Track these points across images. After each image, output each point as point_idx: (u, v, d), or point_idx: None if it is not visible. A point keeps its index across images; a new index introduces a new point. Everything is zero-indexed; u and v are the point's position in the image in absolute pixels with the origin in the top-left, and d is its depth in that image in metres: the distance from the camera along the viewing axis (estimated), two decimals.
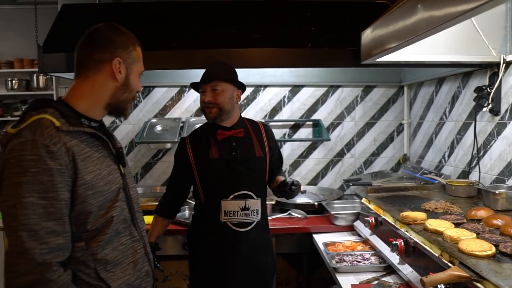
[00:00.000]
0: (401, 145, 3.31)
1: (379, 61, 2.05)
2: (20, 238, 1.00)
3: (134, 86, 1.27)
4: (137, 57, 1.27)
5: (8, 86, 4.25)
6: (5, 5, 4.40)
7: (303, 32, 2.33)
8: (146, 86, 3.21)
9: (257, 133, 2.03)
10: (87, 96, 1.20)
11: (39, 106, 1.13)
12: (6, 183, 1.03)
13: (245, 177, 1.91)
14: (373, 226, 2.09)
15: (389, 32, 1.58)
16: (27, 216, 1.01)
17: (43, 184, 1.03)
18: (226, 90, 1.89)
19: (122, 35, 1.24)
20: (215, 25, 2.45)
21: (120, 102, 1.24)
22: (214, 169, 1.90)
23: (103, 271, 1.17)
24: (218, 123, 1.94)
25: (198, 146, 1.95)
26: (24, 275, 1.00)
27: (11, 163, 1.03)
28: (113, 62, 1.19)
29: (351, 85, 3.26)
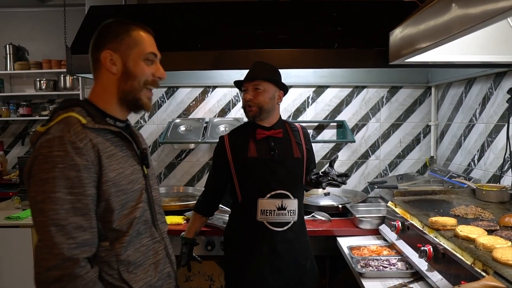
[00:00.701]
0: (428, 147, 3.23)
1: (407, 61, 1.99)
2: (49, 232, 1.01)
3: (137, 72, 1.20)
4: (133, 41, 1.20)
5: (36, 86, 4.36)
6: (34, 7, 4.52)
7: (329, 33, 2.30)
8: (170, 86, 3.24)
9: (295, 134, 2.04)
10: (101, 96, 1.21)
11: (67, 105, 1.16)
12: (35, 179, 1.04)
13: (282, 177, 1.92)
14: (399, 231, 2.04)
15: (420, 32, 1.53)
16: (55, 211, 1.02)
17: (70, 179, 1.04)
18: (268, 90, 1.91)
19: (114, 26, 1.21)
20: (240, 25, 2.44)
21: (127, 93, 1.20)
22: (252, 167, 1.92)
23: (125, 272, 1.17)
24: (258, 122, 1.96)
25: (237, 145, 1.97)
26: (51, 270, 1.01)
27: (39, 159, 1.05)
28: (102, 56, 1.17)
29: (376, 86, 3.21)
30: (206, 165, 3.26)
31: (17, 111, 4.45)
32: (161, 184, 3.27)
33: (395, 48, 1.93)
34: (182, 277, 2.58)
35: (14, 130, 4.68)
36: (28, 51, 4.69)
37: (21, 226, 2.64)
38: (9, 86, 4.65)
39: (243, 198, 1.96)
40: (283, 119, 2.08)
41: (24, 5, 4.49)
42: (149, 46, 1.23)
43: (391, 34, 1.99)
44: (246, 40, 2.35)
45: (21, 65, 4.42)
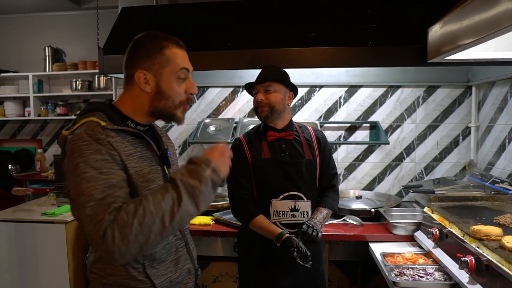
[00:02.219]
0: (467, 150, 3.07)
1: (447, 59, 1.88)
2: (91, 207, 1.03)
3: (170, 92, 1.21)
4: (166, 60, 1.20)
5: (72, 86, 4.49)
6: (70, 10, 4.66)
7: (363, 30, 2.21)
8: (200, 86, 3.24)
9: (307, 136, 2.04)
10: (130, 104, 1.24)
11: (90, 110, 1.21)
12: (68, 171, 1.10)
13: (295, 179, 1.94)
14: (437, 238, 1.93)
15: (463, 27, 1.43)
16: (92, 187, 1.05)
17: (97, 161, 1.08)
18: (278, 90, 1.93)
19: (147, 43, 1.21)
20: (270, 24, 2.40)
21: (161, 110, 1.23)
22: (266, 168, 1.95)
23: (149, 267, 1.21)
24: (269, 123, 1.99)
25: (252, 145, 2.00)
26: (100, 238, 1.03)
27: (68, 155, 1.11)
28: (136, 75, 1.20)
29: (412, 85, 3.07)
30: None
31: (55, 110, 4.61)
32: None
33: (434, 45, 1.83)
34: (209, 278, 2.56)
35: (51, 129, 4.85)
36: (65, 53, 4.85)
37: (56, 222, 2.72)
38: (47, 86, 4.82)
39: (258, 197, 1.97)
40: (294, 122, 2.09)
41: (62, 9, 4.64)
42: (181, 61, 1.23)
43: (430, 30, 1.89)
44: (277, 39, 2.30)
45: (58, 66, 4.58)
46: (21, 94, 4.63)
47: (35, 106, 4.59)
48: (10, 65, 4.78)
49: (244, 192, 1.97)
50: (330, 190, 2.06)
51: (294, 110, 3.15)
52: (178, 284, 1.30)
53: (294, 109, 3.15)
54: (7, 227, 2.75)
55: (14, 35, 4.86)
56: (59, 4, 4.48)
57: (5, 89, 4.67)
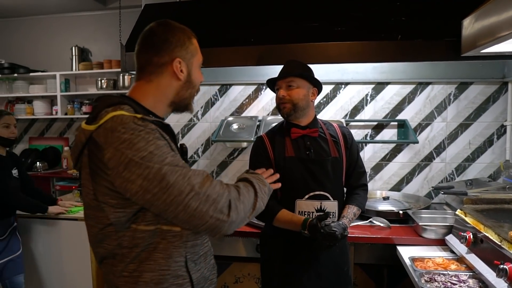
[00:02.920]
0: (502, 150, 2.91)
1: (483, 52, 1.77)
2: (204, 185, 1.07)
3: (196, 81, 1.27)
4: (194, 50, 1.26)
5: (98, 85, 4.55)
6: (96, 10, 4.73)
7: (392, 23, 2.11)
8: (223, 84, 3.20)
9: (333, 133, 1.97)
10: (152, 96, 1.22)
11: (114, 103, 1.14)
12: (134, 163, 1.03)
13: (321, 178, 1.87)
14: (470, 243, 1.82)
15: (503, 18, 1.33)
16: (183, 168, 1.07)
17: (166, 147, 1.09)
18: (301, 86, 1.87)
19: (177, 33, 1.22)
20: (295, 18, 2.33)
21: (184, 99, 1.26)
22: (290, 167, 1.88)
23: (190, 261, 1.19)
24: (293, 121, 1.92)
25: (275, 143, 1.94)
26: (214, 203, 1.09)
27: (125, 146, 1.04)
28: (174, 64, 1.20)
29: (443, 82, 2.94)
30: None
31: (81, 109, 4.68)
32: None
33: (469, 37, 1.72)
34: (231, 279, 2.52)
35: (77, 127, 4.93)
36: (91, 52, 4.92)
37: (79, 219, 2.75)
38: (74, 85, 4.91)
39: (282, 196, 1.90)
40: (319, 119, 2.02)
41: (87, 9, 4.71)
42: (200, 52, 1.29)
43: (464, 21, 1.78)
44: (302, 34, 2.24)
45: (84, 65, 4.65)
46: (49, 93, 4.73)
47: (62, 105, 4.68)
48: (39, 64, 4.90)
49: None
50: (360, 189, 2.00)
51: (319, 108, 3.07)
52: (207, 280, 1.29)
53: (319, 106, 3.07)
54: (32, 222, 2.80)
55: (42, 35, 4.98)
56: (85, 4, 4.55)
57: (34, 88, 4.78)
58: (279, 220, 1.85)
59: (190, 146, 3.27)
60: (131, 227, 1.11)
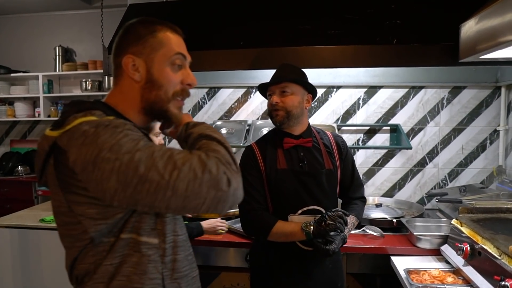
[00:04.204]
0: (495, 155, 2.87)
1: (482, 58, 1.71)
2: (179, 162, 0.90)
3: (163, 80, 1.05)
4: (158, 44, 1.04)
5: (82, 86, 4.41)
6: (81, 9, 4.59)
7: (387, 27, 2.04)
8: (212, 87, 3.11)
9: (327, 143, 1.86)
10: (120, 102, 1.07)
11: (85, 108, 0.99)
12: (100, 159, 0.88)
13: (315, 191, 1.76)
14: (468, 255, 1.76)
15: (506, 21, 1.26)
16: (157, 149, 0.92)
17: (137, 135, 0.94)
18: (296, 93, 1.75)
19: (138, 27, 1.06)
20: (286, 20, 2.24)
21: (153, 104, 1.06)
22: (282, 180, 1.76)
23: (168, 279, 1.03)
24: (285, 129, 1.80)
25: (266, 154, 1.81)
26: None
27: (87, 142, 0.90)
28: (123, 61, 1.03)
29: (436, 86, 2.89)
30: None
31: None
32: None
33: (468, 42, 1.65)
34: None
35: None
36: (76, 53, 4.78)
37: None
38: (58, 86, 4.76)
39: (274, 211, 1.78)
40: (313, 127, 1.90)
41: (72, 8, 4.57)
42: (176, 46, 1.07)
43: (463, 26, 1.71)
44: (293, 37, 2.16)
45: (68, 66, 4.50)
46: (31, 94, 4.57)
47: (45, 107, 4.53)
48: (21, 65, 4.73)
49: (256, 206, 1.77)
50: (359, 200, 1.92)
51: (310, 112, 2.99)
52: None
53: (310, 110, 2.99)
54: (10, 233, 2.67)
55: (25, 34, 4.81)
56: (69, 3, 4.41)
57: (16, 89, 4.62)
58: (276, 233, 1.70)
59: None
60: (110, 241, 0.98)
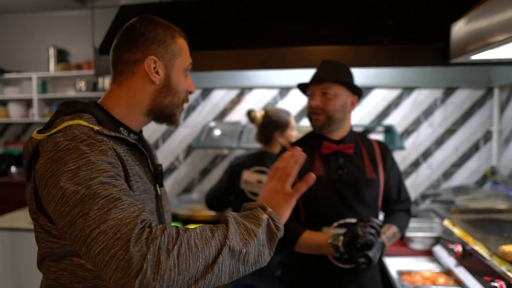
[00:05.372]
0: (489, 156, 2.87)
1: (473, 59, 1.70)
2: (113, 219, 0.77)
3: (179, 87, 1.05)
4: (178, 50, 1.04)
5: (77, 87, 4.39)
6: (75, 10, 4.57)
7: (379, 27, 2.04)
8: (205, 88, 3.10)
9: (370, 151, 1.67)
10: (123, 103, 1.02)
11: (73, 111, 0.95)
12: (52, 180, 0.82)
13: (353, 202, 1.57)
14: (459, 256, 1.76)
15: (495, 22, 1.26)
16: (108, 192, 0.80)
17: (105, 164, 0.84)
18: (339, 95, 1.57)
19: (157, 28, 1.03)
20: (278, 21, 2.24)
21: (164, 108, 1.04)
22: (317, 188, 1.46)
23: None
24: (325, 134, 1.63)
25: None
26: (130, 248, 0.75)
27: (55, 158, 0.84)
28: (146, 62, 1.00)
29: (429, 87, 2.89)
30: None
31: None
32: (195, 190, 3.13)
33: (459, 43, 1.65)
34: None
35: None
36: (70, 53, 4.75)
37: None
38: (52, 87, 4.73)
39: (307, 221, 1.60)
40: (356, 131, 1.72)
41: (66, 8, 4.55)
42: (188, 55, 1.08)
43: (454, 26, 1.71)
44: (285, 37, 2.15)
45: (62, 67, 4.48)
46: (25, 95, 4.55)
47: (39, 108, 4.51)
48: (14, 65, 4.71)
49: None
50: (404, 212, 1.72)
51: (304, 113, 2.99)
52: None
53: (304, 112, 2.99)
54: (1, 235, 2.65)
55: (18, 35, 4.79)
56: (63, 3, 4.39)
57: (9, 90, 4.59)
58: (303, 244, 1.54)
59: (171, 152, 3.15)
60: (72, 260, 0.90)
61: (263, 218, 0.89)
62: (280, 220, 0.92)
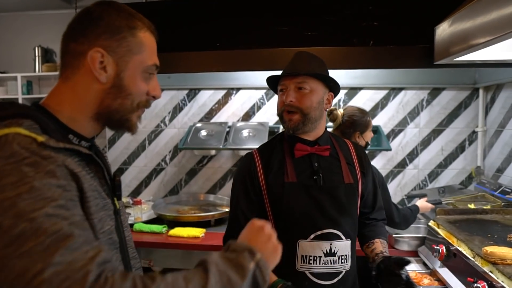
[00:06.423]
0: (474, 156, 2.90)
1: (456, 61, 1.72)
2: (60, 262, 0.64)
3: (133, 89, 0.88)
4: (137, 45, 0.87)
5: None
6: (61, 9, 4.50)
7: (364, 28, 2.04)
8: (192, 89, 3.08)
9: (346, 153, 1.51)
10: (69, 103, 0.86)
11: (9, 115, 0.76)
12: None
13: (331, 211, 1.39)
14: (443, 257, 1.76)
15: (477, 24, 1.26)
16: (57, 230, 0.66)
17: (52, 189, 0.69)
18: (316, 90, 1.39)
19: (113, 15, 0.85)
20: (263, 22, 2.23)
21: (113, 112, 0.88)
22: (290, 197, 1.39)
23: None
24: (298, 134, 1.44)
25: (270, 164, 1.44)
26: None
27: None
28: (89, 54, 0.83)
29: (415, 87, 2.91)
30: (228, 172, 3.08)
31: None
32: (181, 191, 3.11)
33: (443, 44, 1.66)
34: None
35: None
36: (56, 53, 4.68)
37: None
38: (37, 88, 4.66)
39: (280, 236, 1.38)
40: (329, 132, 1.56)
41: (52, 7, 4.48)
42: (153, 54, 0.92)
43: (438, 28, 1.72)
44: (270, 38, 2.14)
45: (48, 67, 4.41)
46: (9, 95, 4.46)
47: None
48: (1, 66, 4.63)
49: (238, 235, 1.45)
50: (382, 222, 1.62)
51: None
52: None
53: None
54: None
55: (2, 34, 4.70)
56: (48, 2, 4.32)
57: None
58: None
59: (157, 153, 3.12)
60: None
61: (250, 268, 0.77)
62: (268, 270, 0.81)
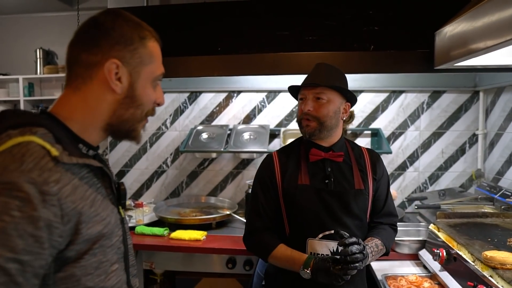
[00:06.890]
0: (474, 159, 2.90)
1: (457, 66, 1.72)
2: None
3: (144, 98, 0.89)
4: (148, 56, 0.88)
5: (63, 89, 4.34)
6: (62, 11, 4.52)
7: (364, 33, 2.05)
8: (193, 92, 3.09)
9: (359, 159, 1.61)
10: (81, 114, 0.86)
11: (23, 123, 0.76)
12: None
13: (339, 213, 1.50)
14: (444, 261, 1.77)
15: (478, 29, 1.27)
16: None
17: (24, 238, 0.68)
18: (333, 101, 1.51)
19: (124, 26, 0.86)
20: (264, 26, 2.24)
21: (124, 122, 0.88)
22: (302, 198, 1.51)
23: None
24: (314, 140, 1.56)
25: (287, 167, 1.57)
26: None
27: None
28: (106, 65, 0.84)
29: (416, 90, 2.91)
30: (229, 174, 3.08)
31: None
32: (182, 193, 3.12)
33: (443, 49, 1.67)
34: None
35: None
36: (57, 55, 4.69)
37: None
38: (39, 90, 4.67)
39: (292, 233, 1.55)
40: (346, 138, 1.66)
41: (53, 9, 4.50)
42: (160, 63, 0.94)
43: (438, 33, 1.73)
44: (271, 43, 2.15)
45: (50, 69, 4.42)
46: (11, 97, 4.48)
47: None
48: (0, 67, 4.64)
49: (260, 225, 1.55)
50: (389, 226, 1.67)
51: (291, 116, 2.99)
52: None
53: (291, 115, 2.99)
54: None
55: (4, 36, 4.72)
56: (50, 4, 4.34)
57: None
58: (275, 257, 1.51)
59: (158, 155, 3.13)
60: None
61: None
62: None
